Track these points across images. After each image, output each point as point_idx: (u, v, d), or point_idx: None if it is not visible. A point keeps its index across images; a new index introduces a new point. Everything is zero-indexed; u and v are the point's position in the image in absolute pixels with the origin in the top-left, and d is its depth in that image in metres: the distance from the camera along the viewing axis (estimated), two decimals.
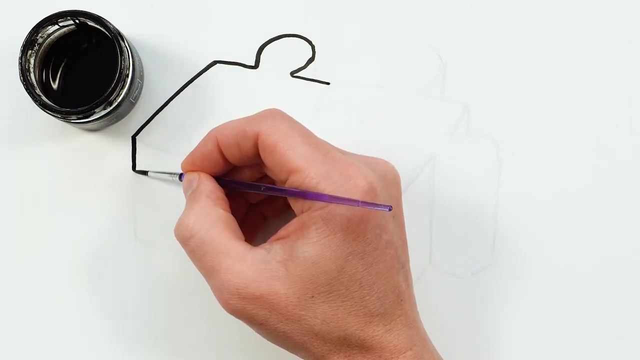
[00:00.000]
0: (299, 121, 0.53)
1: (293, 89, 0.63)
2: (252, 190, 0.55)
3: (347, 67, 0.63)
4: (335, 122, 0.63)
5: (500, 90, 0.63)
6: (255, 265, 0.51)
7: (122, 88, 0.58)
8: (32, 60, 0.59)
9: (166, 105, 0.62)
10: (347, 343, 0.51)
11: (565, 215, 0.62)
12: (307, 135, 0.52)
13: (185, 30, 0.63)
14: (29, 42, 0.58)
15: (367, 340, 0.51)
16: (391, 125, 0.63)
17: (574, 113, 0.63)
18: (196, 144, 0.57)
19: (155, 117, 0.62)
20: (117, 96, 0.58)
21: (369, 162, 0.53)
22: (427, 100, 0.63)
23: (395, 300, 0.52)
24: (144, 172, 0.61)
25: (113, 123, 0.62)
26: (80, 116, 0.57)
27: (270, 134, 0.52)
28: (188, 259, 0.61)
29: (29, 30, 0.58)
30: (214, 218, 0.53)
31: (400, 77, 0.63)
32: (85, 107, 0.57)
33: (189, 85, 0.63)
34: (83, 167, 0.62)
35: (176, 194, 0.62)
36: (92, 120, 0.58)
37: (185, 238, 0.53)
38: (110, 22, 0.58)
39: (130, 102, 0.60)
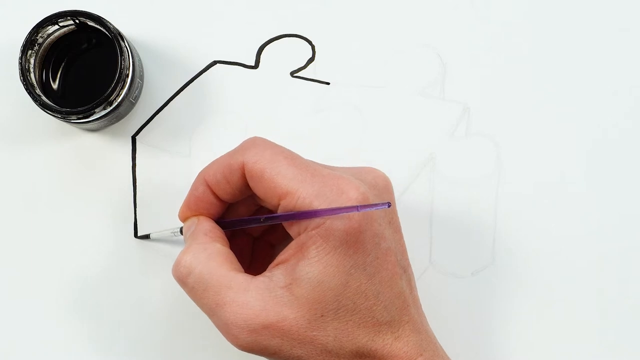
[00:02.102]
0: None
1: (293, 89, 0.63)
2: (253, 224, 0.54)
3: (347, 67, 0.63)
4: (335, 122, 0.63)
5: (500, 90, 0.63)
6: (260, 294, 0.51)
7: (122, 88, 0.58)
8: (32, 60, 0.59)
9: (166, 105, 0.62)
10: (360, 355, 0.51)
11: (565, 215, 0.62)
12: (292, 158, 0.52)
13: (185, 30, 0.63)
14: (29, 42, 0.58)
15: (379, 350, 0.51)
16: (391, 125, 0.63)
17: (574, 113, 0.63)
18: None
19: (155, 117, 0.62)
20: (117, 96, 0.58)
21: (358, 173, 0.53)
22: (427, 100, 0.63)
23: (401, 306, 0.52)
24: (147, 236, 0.61)
25: (113, 123, 0.62)
26: (80, 116, 0.57)
27: (255, 162, 0.52)
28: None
29: (29, 30, 0.58)
30: (212, 252, 0.52)
31: (400, 78, 0.63)
32: (85, 107, 0.57)
33: (189, 85, 0.63)
34: (83, 167, 0.62)
35: (176, 194, 0.62)
36: (92, 120, 0.58)
37: (183, 276, 0.52)
38: (110, 22, 0.58)
39: (130, 102, 0.60)
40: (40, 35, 0.58)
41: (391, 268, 0.52)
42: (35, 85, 0.58)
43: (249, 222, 0.54)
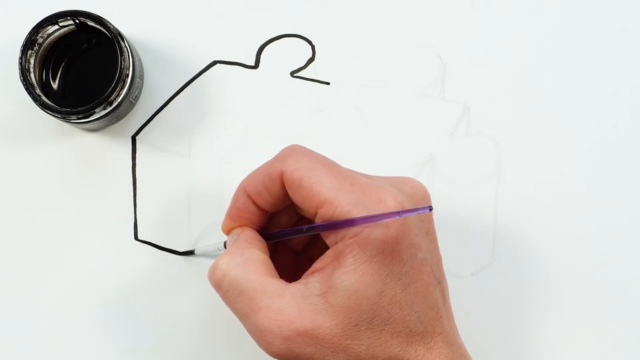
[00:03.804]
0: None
1: (293, 89, 0.63)
2: (294, 235, 0.54)
3: (347, 67, 0.63)
4: (335, 122, 0.63)
5: (500, 90, 0.63)
6: (295, 301, 0.50)
7: (122, 88, 0.58)
8: (32, 60, 0.59)
9: (166, 105, 0.62)
10: None
11: (565, 215, 0.62)
12: (330, 166, 0.52)
13: (185, 30, 0.63)
14: (29, 42, 0.58)
15: None
16: (391, 125, 0.63)
17: (574, 113, 0.63)
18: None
19: (155, 117, 0.62)
20: (117, 96, 0.58)
21: (396, 183, 0.53)
22: (427, 100, 0.63)
23: (434, 317, 0.52)
24: (190, 252, 0.61)
25: (113, 123, 0.62)
26: (80, 116, 0.57)
27: (293, 170, 0.51)
28: (187, 259, 0.61)
29: (29, 30, 0.58)
30: (249, 257, 0.52)
31: (400, 78, 0.63)
32: (85, 107, 0.57)
33: (189, 85, 0.63)
34: (83, 167, 0.62)
35: (177, 194, 0.62)
36: (92, 120, 0.58)
37: (218, 279, 0.52)
38: (110, 22, 0.58)
39: (130, 102, 0.60)
40: (40, 35, 0.58)
41: (426, 279, 0.51)
42: (35, 85, 0.58)
43: (291, 233, 0.54)
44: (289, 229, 0.55)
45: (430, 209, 0.49)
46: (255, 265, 0.52)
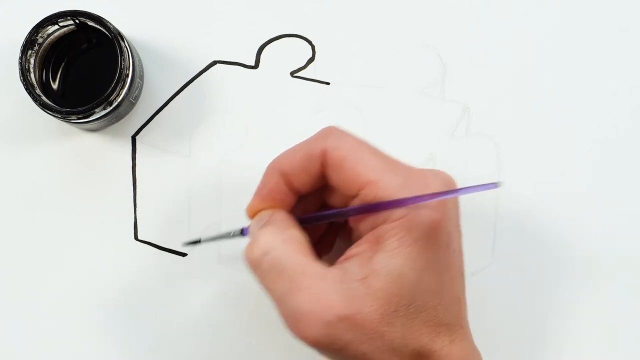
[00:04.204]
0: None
1: (293, 89, 0.63)
2: (332, 219, 0.52)
3: (347, 67, 0.63)
4: (335, 122, 0.62)
5: (500, 90, 0.63)
6: (336, 285, 0.48)
7: (122, 88, 0.58)
8: (32, 60, 0.59)
9: (166, 105, 0.62)
10: (419, 355, 0.50)
11: (565, 215, 0.62)
12: (374, 149, 0.51)
13: (185, 30, 0.63)
14: (29, 42, 0.58)
15: (437, 351, 0.50)
16: (391, 125, 0.63)
17: (574, 113, 0.63)
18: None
19: (155, 117, 0.62)
20: (117, 96, 0.58)
21: (434, 173, 0.52)
22: (427, 100, 0.63)
23: (458, 310, 0.51)
24: (196, 242, 0.58)
25: (113, 123, 0.62)
26: (80, 116, 0.57)
27: (336, 148, 0.50)
28: (187, 259, 0.61)
29: (29, 30, 0.58)
30: (290, 236, 0.50)
31: (400, 78, 0.63)
32: (85, 107, 0.57)
33: (189, 85, 0.63)
34: (83, 167, 0.62)
35: (177, 194, 0.62)
36: (92, 120, 0.58)
37: (257, 258, 0.50)
38: (110, 22, 0.58)
39: (130, 102, 0.60)
40: (40, 35, 0.58)
41: (455, 270, 0.51)
42: (35, 85, 0.58)
43: (328, 216, 0.52)
44: (327, 212, 0.53)
45: (496, 185, 0.47)
46: (296, 245, 0.50)
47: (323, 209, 0.55)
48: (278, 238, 0.50)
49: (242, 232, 0.55)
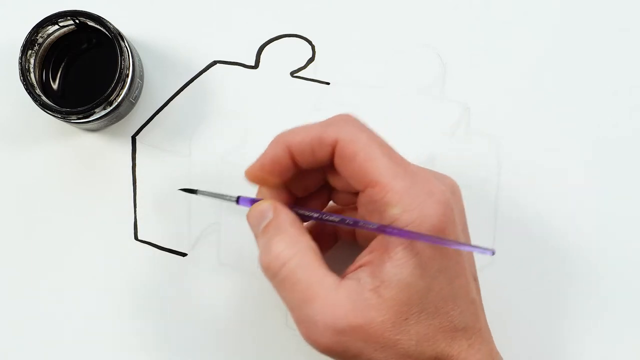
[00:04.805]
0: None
1: (293, 89, 0.63)
2: (326, 221, 0.52)
3: (347, 67, 0.63)
4: None
5: (500, 90, 0.63)
6: (349, 296, 0.49)
7: (122, 88, 0.58)
8: (32, 60, 0.59)
9: (166, 105, 0.62)
10: None
11: (565, 215, 0.62)
12: (386, 147, 0.51)
13: (185, 30, 0.63)
14: (29, 42, 0.58)
15: (454, 356, 0.50)
16: (391, 125, 0.63)
17: (574, 112, 0.63)
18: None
19: (155, 117, 0.62)
20: (117, 96, 0.58)
21: (438, 177, 0.52)
22: (427, 100, 0.63)
23: (473, 313, 0.52)
24: (193, 191, 0.58)
25: (113, 123, 0.62)
26: (80, 116, 0.57)
27: (350, 141, 0.50)
28: (187, 260, 0.61)
29: (29, 30, 0.58)
30: (304, 247, 0.51)
31: (400, 77, 0.63)
32: (85, 107, 0.57)
33: (189, 85, 0.63)
34: (83, 167, 0.62)
35: (176, 194, 0.62)
36: (92, 120, 0.58)
37: (275, 267, 0.50)
38: (110, 22, 0.58)
39: (130, 102, 0.60)
40: (40, 35, 0.58)
41: (466, 274, 0.51)
42: (35, 85, 0.58)
43: (323, 219, 0.52)
44: (325, 213, 0.53)
45: (493, 253, 0.48)
46: (311, 255, 0.50)
47: (323, 188, 0.55)
48: (294, 248, 0.51)
49: (238, 201, 0.54)
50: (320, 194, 0.56)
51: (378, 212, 0.50)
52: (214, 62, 0.63)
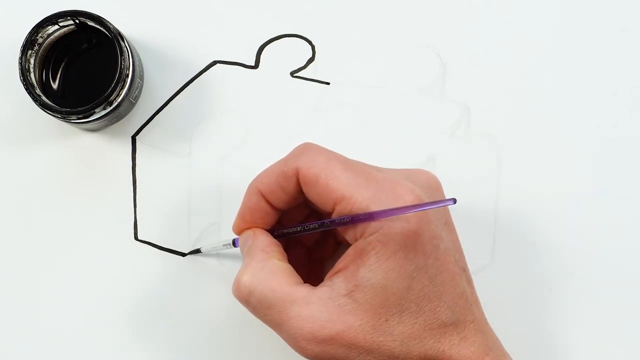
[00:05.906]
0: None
1: (293, 89, 0.63)
2: (308, 232, 0.53)
3: (347, 67, 0.63)
4: (335, 122, 0.63)
5: (500, 90, 0.63)
6: (323, 305, 0.50)
7: (122, 88, 0.58)
8: (32, 60, 0.59)
9: (166, 105, 0.63)
10: (428, 359, 0.51)
11: (565, 215, 0.62)
12: (345, 162, 0.51)
13: (185, 30, 0.63)
14: (29, 42, 0.58)
15: (446, 351, 0.51)
16: (391, 125, 0.63)
17: (574, 113, 0.63)
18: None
19: (155, 117, 0.62)
20: (117, 96, 0.58)
21: (410, 175, 0.53)
22: (427, 100, 0.63)
23: (464, 306, 0.52)
24: (197, 251, 0.61)
25: (113, 123, 0.62)
26: (80, 116, 0.57)
27: (309, 167, 0.51)
28: (187, 260, 0.61)
29: (29, 30, 0.58)
30: (271, 270, 0.52)
31: (400, 77, 0.63)
32: (85, 107, 0.57)
33: (189, 85, 0.63)
34: (83, 167, 0.62)
35: (177, 194, 0.62)
36: (92, 120, 0.58)
37: (244, 296, 0.52)
38: (110, 22, 0.58)
39: (130, 102, 0.60)
40: (40, 35, 0.58)
41: (451, 268, 0.52)
42: (35, 85, 0.58)
43: (305, 230, 0.53)
44: (305, 225, 0.54)
45: (455, 201, 0.48)
46: (279, 276, 0.52)
47: (312, 216, 0.56)
48: (260, 274, 0.52)
49: (234, 244, 0.56)
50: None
51: (353, 227, 0.51)
52: (214, 62, 0.63)
